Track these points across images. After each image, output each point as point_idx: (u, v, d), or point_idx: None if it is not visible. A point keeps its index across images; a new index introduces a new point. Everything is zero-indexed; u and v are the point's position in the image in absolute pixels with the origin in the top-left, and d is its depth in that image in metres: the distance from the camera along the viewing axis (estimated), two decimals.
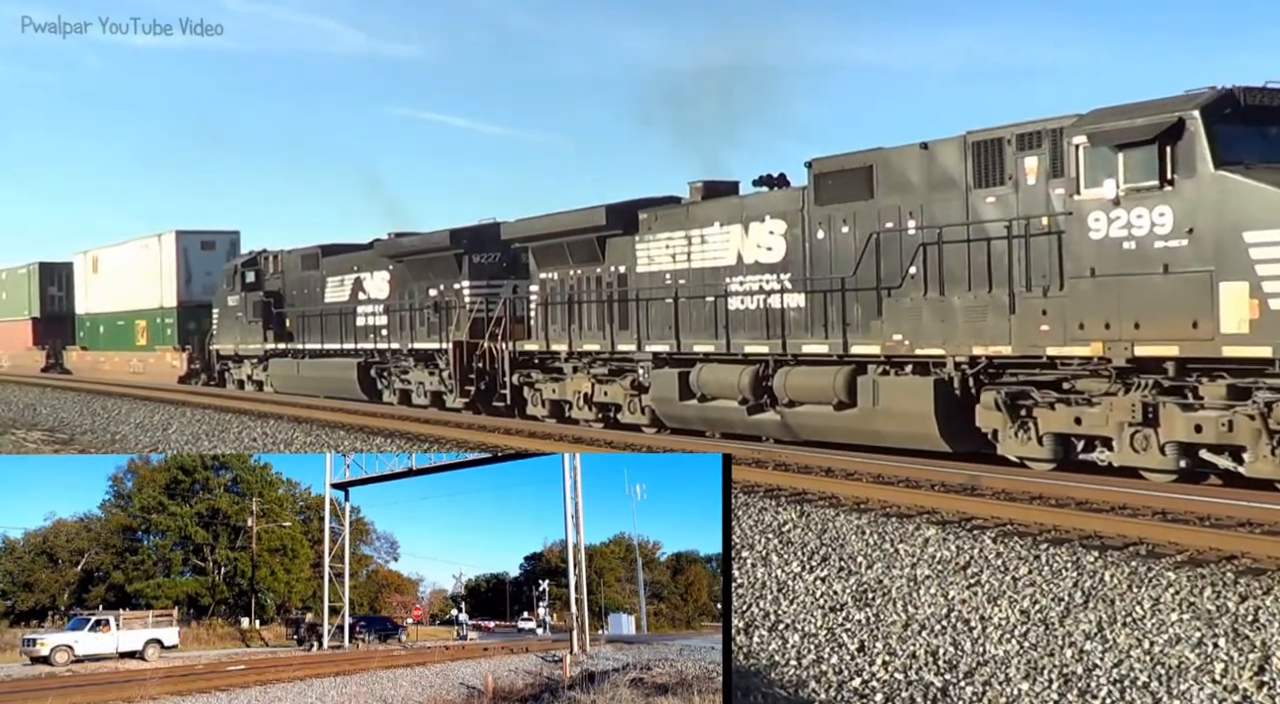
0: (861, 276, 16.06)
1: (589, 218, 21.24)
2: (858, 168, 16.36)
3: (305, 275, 32.39)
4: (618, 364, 20.71)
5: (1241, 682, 7.15)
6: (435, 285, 26.36)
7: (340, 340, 29.97)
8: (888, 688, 7.32)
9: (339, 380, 29.76)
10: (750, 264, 18.21)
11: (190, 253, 42.84)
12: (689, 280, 19.28)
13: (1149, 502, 12.02)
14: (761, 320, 17.86)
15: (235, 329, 35.67)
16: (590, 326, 21.52)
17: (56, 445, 23.12)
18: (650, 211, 20.37)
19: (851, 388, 15.87)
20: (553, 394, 22.12)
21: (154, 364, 43.25)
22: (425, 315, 26.56)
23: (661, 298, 19.62)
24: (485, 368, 23.96)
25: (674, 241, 19.68)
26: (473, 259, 25.47)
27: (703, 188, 19.89)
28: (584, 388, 21.20)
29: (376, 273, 28.84)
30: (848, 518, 12.31)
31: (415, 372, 27.05)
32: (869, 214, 16.22)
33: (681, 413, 18.88)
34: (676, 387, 18.71)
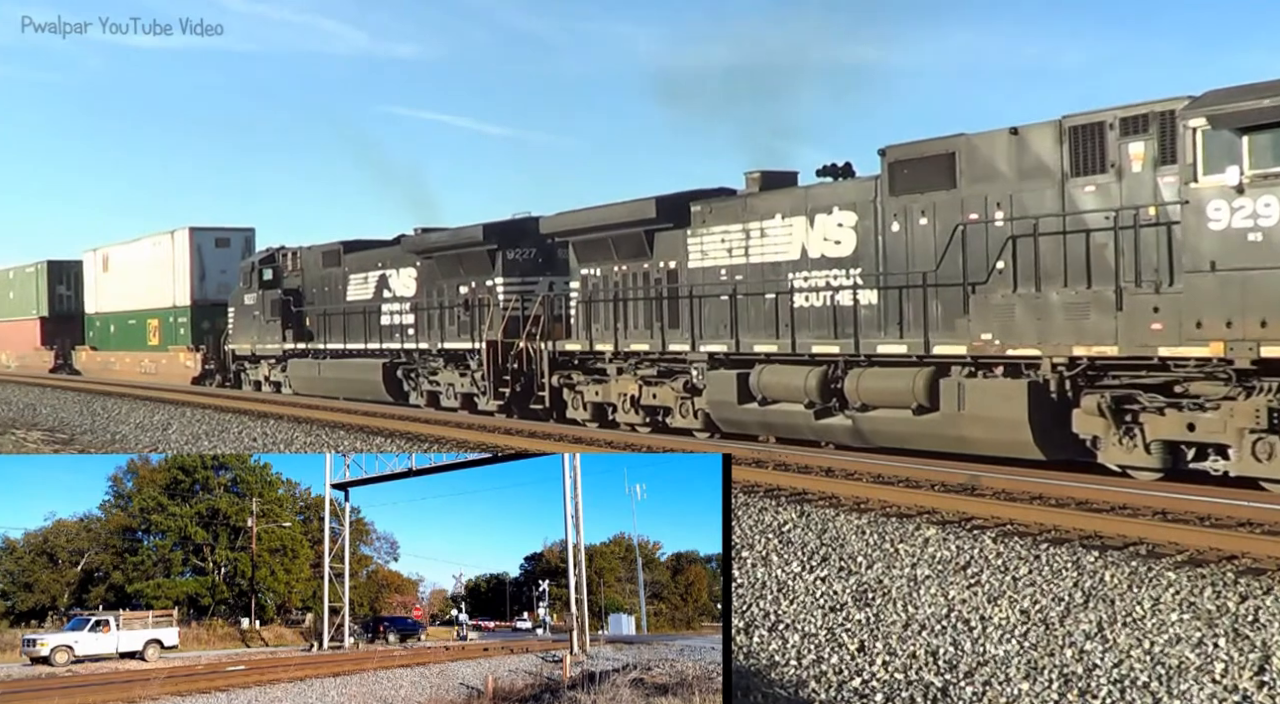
0: (943, 272, 15.01)
1: (637, 210, 20.15)
2: (938, 155, 15.29)
3: (326, 273, 31.20)
4: (667, 365, 19.66)
5: (1241, 682, 7.15)
6: (466, 282, 25.27)
7: (364, 340, 28.88)
8: (888, 688, 7.32)
9: (363, 382, 28.71)
10: (816, 259, 17.16)
11: (204, 250, 41.89)
12: (747, 276, 18.18)
13: (1149, 502, 12.02)
14: (828, 319, 16.85)
15: (252, 328, 34.56)
16: (637, 325, 20.45)
17: (56, 445, 23.12)
18: (704, 204, 19.26)
19: (933, 391, 14.85)
20: (595, 396, 21.08)
21: (167, 365, 42.37)
22: (455, 314, 25.56)
23: (716, 295, 18.60)
24: (521, 369, 22.95)
25: (730, 235, 18.57)
26: (506, 255, 24.30)
27: (760, 178, 18.72)
28: (630, 390, 20.20)
29: (402, 270, 27.70)
30: (848, 518, 12.30)
31: (444, 373, 26.08)
32: (951, 204, 15.16)
33: (740, 417, 17.85)
34: (735, 389, 17.66)
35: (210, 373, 39.17)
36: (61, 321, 52.15)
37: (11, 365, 55.77)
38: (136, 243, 46.29)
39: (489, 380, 23.49)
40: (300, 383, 31.98)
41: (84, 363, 50.10)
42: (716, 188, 19.75)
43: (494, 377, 23.31)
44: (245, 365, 36.28)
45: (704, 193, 19.57)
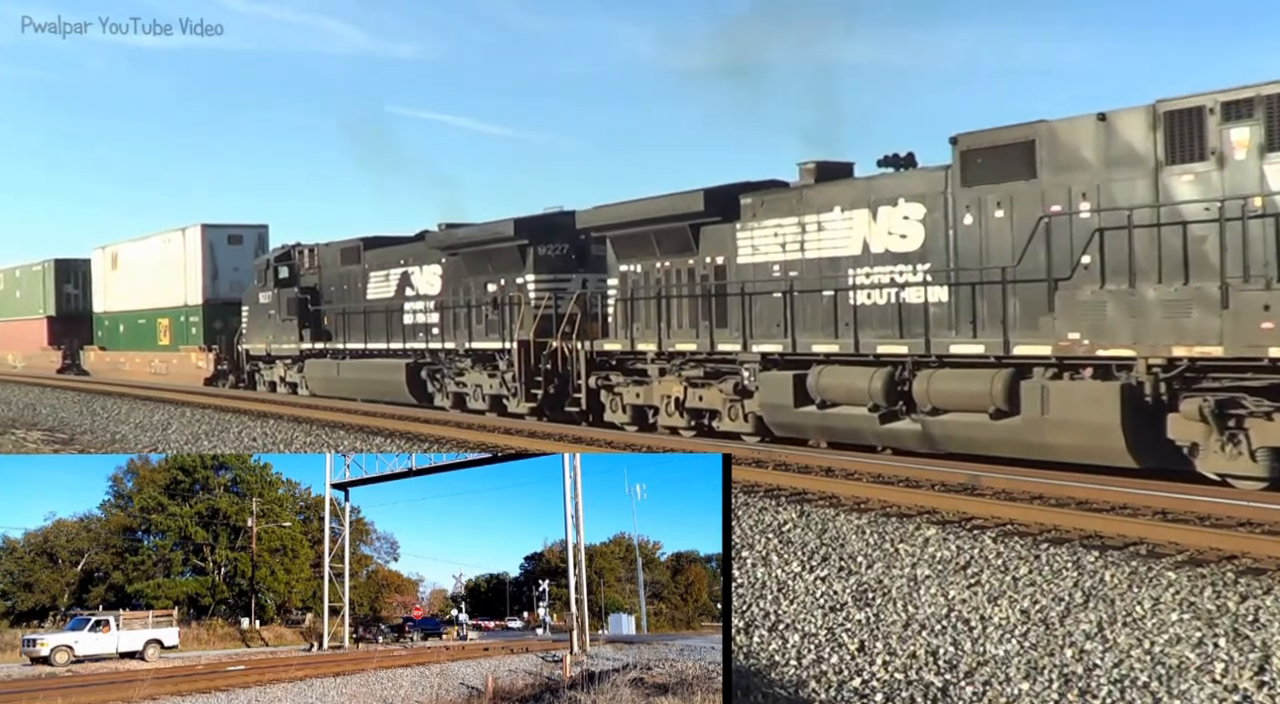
0: (1023, 267, 14.09)
1: (682, 203, 19.11)
2: (1016, 143, 14.39)
3: (345, 270, 30.11)
4: (714, 366, 18.66)
5: (1241, 682, 7.15)
6: (494, 280, 24.28)
7: (386, 340, 27.84)
8: (888, 688, 7.32)
9: (385, 383, 27.71)
10: (879, 253, 16.22)
11: (216, 247, 40.72)
12: (802, 272, 17.24)
13: (1149, 502, 12.03)
14: (893, 317, 15.90)
15: (267, 328, 33.48)
16: (681, 324, 19.49)
17: (56, 445, 23.11)
18: (754, 196, 18.22)
19: (1012, 394, 13.94)
20: (636, 399, 20.11)
21: (178, 365, 41.23)
22: (483, 312, 24.49)
23: (769, 292, 17.65)
24: (554, 370, 22.02)
25: (784, 229, 17.61)
26: (538, 251, 23.28)
27: (815, 169, 17.80)
28: (674, 392, 19.24)
29: (426, 267, 26.75)
30: (848, 518, 12.30)
31: (472, 373, 25.04)
32: (1030, 196, 14.23)
33: (797, 421, 16.90)
34: (791, 391, 16.68)
35: (223, 373, 38.28)
36: (69, 321, 51.04)
37: (18, 366, 54.59)
38: (146, 240, 45.24)
39: (520, 382, 22.64)
40: (318, 384, 31.00)
41: (92, 363, 49.04)
42: (766, 180, 18.82)
43: (525, 378, 22.46)
44: (260, 366, 35.34)
45: (754, 185, 18.62)
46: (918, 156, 16.67)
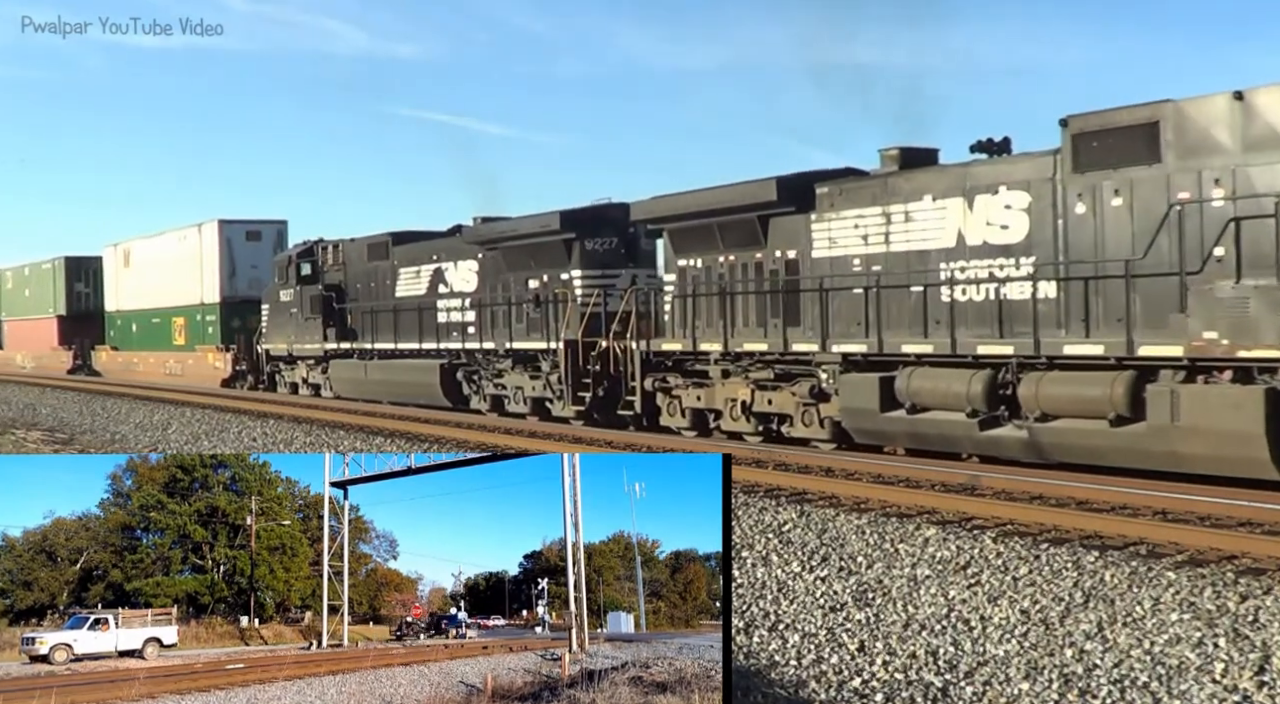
0: (1147, 260, 12.94)
1: (752, 193, 17.81)
2: (1138, 125, 13.19)
3: (372, 266, 28.78)
4: (785, 367, 17.46)
5: (1241, 682, 7.14)
6: (537, 276, 22.99)
7: (418, 339, 26.41)
8: (888, 688, 7.31)
9: (417, 385, 26.24)
10: (977, 246, 15.01)
11: (234, 244, 39.26)
12: (887, 266, 16.03)
13: (1149, 502, 12.02)
14: (992, 314, 14.68)
15: (288, 327, 32.05)
16: (748, 323, 18.26)
17: (56, 445, 23.11)
18: (831, 185, 17.02)
19: (1135, 399, 12.85)
20: (696, 402, 18.86)
21: (194, 365, 39.77)
22: (524, 311, 23.22)
23: (849, 288, 16.45)
24: (603, 371, 20.69)
25: (866, 220, 16.38)
26: (585, 245, 21.97)
27: (899, 155, 16.53)
28: (740, 395, 18.01)
29: (461, 263, 25.40)
30: (848, 518, 12.29)
31: (512, 375, 23.65)
32: (1153, 182, 13.05)
33: (882, 427, 15.70)
34: (877, 395, 15.46)
35: (241, 374, 36.83)
36: (80, 320, 49.70)
37: (28, 366, 53.24)
38: (161, 237, 43.82)
39: (567, 384, 21.21)
40: (343, 385, 29.67)
41: (104, 363, 47.75)
42: (842, 168, 17.64)
43: (573, 380, 21.08)
44: (280, 366, 33.91)
45: (829, 173, 17.44)
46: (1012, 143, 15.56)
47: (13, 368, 53.92)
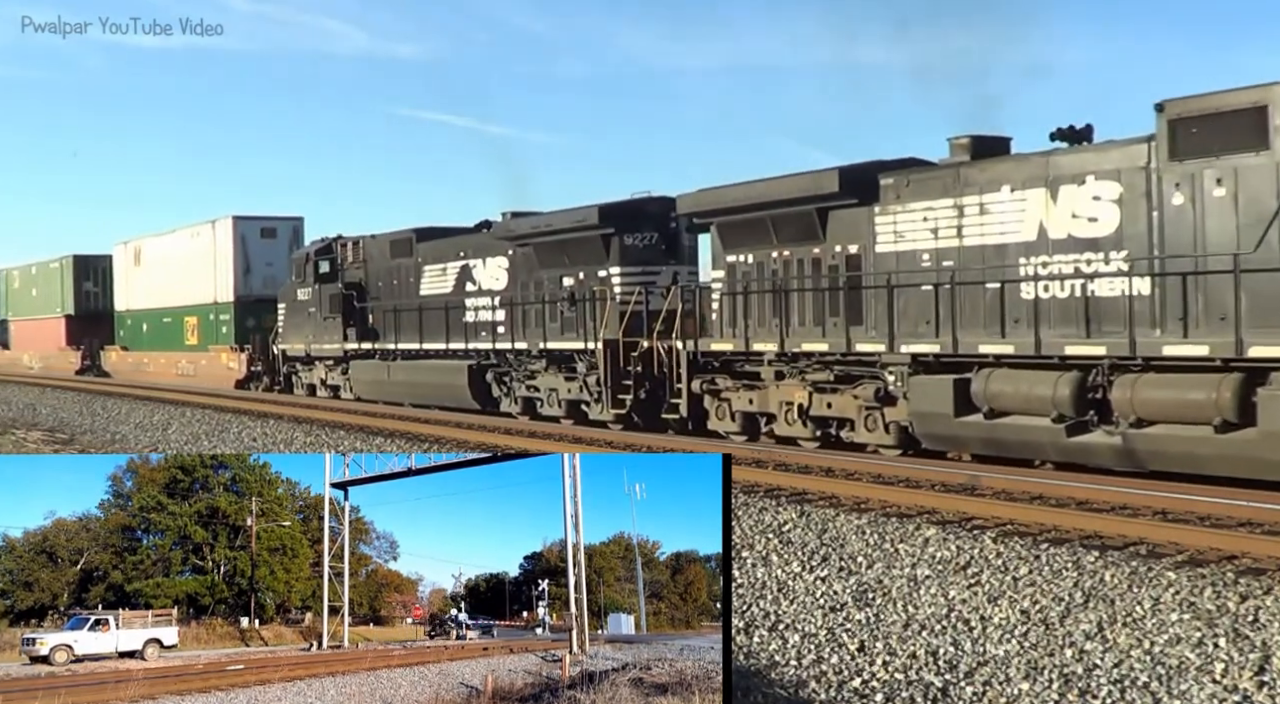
0: (1258, 255, 12.13)
1: (811, 184, 16.89)
2: (1244, 109, 12.35)
3: (395, 264, 27.75)
4: (846, 369, 16.52)
5: (1241, 682, 7.15)
6: (572, 273, 22.04)
7: (444, 339, 25.30)
8: (888, 688, 7.31)
9: (444, 387, 25.29)
10: (1061, 240, 14.07)
11: (249, 241, 38.00)
12: (960, 261, 15.09)
13: (1149, 502, 12.03)
14: (1078, 312, 13.74)
15: (306, 326, 31.03)
16: (804, 321, 17.31)
17: (56, 445, 23.13)
18: (897, 175, 16.06)
19: (1244, 404, 12.07)
20: (748, 405, 17.92)
21: (207, 366, 38.64)
22: (558, 309, 22.24)
23: (917, 284, 15.55)
24: (644, 373, 19.81)
25: (936, 212, 15.44)
26: (624, 240, 20.98)
27: (970, 144, 15.61)
28: (797, 398, 17.08)
29: (490, 259, 24.39)
30: (848, 518, 12.30)
31: (546, 377, 22.59)
32: (1262, 171, 12.22)
33: (957, 432, 14.71)
34: (951, 398, 14.50)
35: (257, 375, 35.69)
36: (89, 320, 48.64)
37: (35, 366, 52.14)
38: (172, 234, 42.54)
39: (606, 386, 20.32)
40: (364, 387, 28.71)
41: (114, 364, 46.53)
42: (905, 158, 16.71)
43: (612, 382, 20.20)
44: (298, 367, 32.79)
45: (892, 163, 16.51)
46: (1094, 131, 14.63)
47: (20, 368, 53.11)
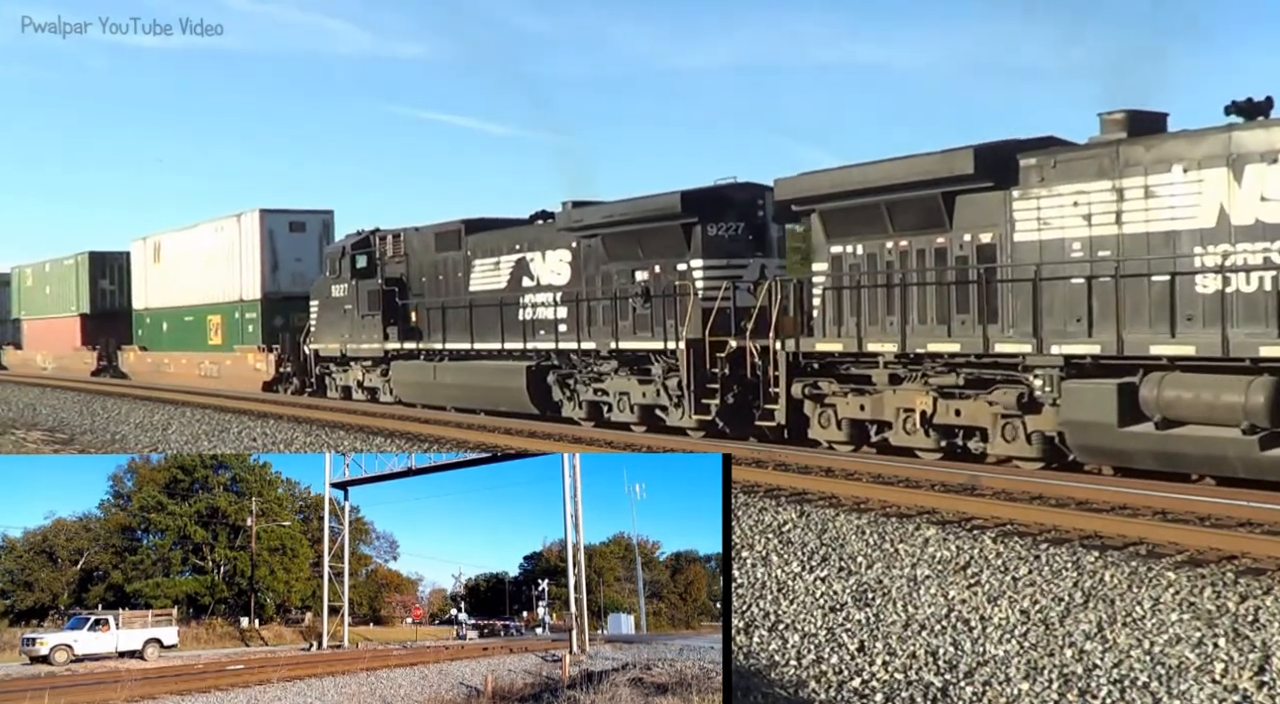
0: None
1: (939, 165, 15.19)
2: None
3: (441, 258, 26.05)
4: (977, 372, 14.90)
5: (1241, 682, 7.15)
6: (646, 266, 20.37)
7: (499, 339, 23.62)
8: (888, 688, 7.31)
9: (499, 390, 23.62)
10: (1247, 226, 12.51)
11: (277, 235, 36.05)
12: (1120, 251, 13.42)
13: (1149, 502, 12.03)
14: (1269, 309, 12.31)
15: (341, 325, 29.26)
16: (925, 319, 15.67)
17: (56, 445, 23.12)
18: (1041, 156, 14.38)
19: None
20: (859, 412, 16.26)
21: (232, 367, 36.90)
22: (628, 306, 20.53)
23: (1066, 277, 13.98)
24: (731, 375, 18.22)
25: (1090, 196, 13.74)
26: (707, 231, 19.38)
27: (1125, 120, 13.81)
28: (919, 405, 15.42)
29: (550, 252, 22.68)
30: (848, 518, 12.30)
31: (616, 379, 20.82)
32: None
33: (1122, 444, 13.08)
34: (1114, 406, 12.92)
35: (286, 377, 33.85)
36: (104, 319, 47.08)
37: (49, 367, 50.73)
38: (195, 229, 40.74)
39: (689, 390, 18.72)
40: (407, 390, 27.03)
41: (131, 365, 44.88)
42: (1042, 136, 15.05)
43: (696, 386, 18.60)
44: (331, 368, 30.93)
45: (1030, 142, 14.88)
46: None
47: (32, 369, 51.90)
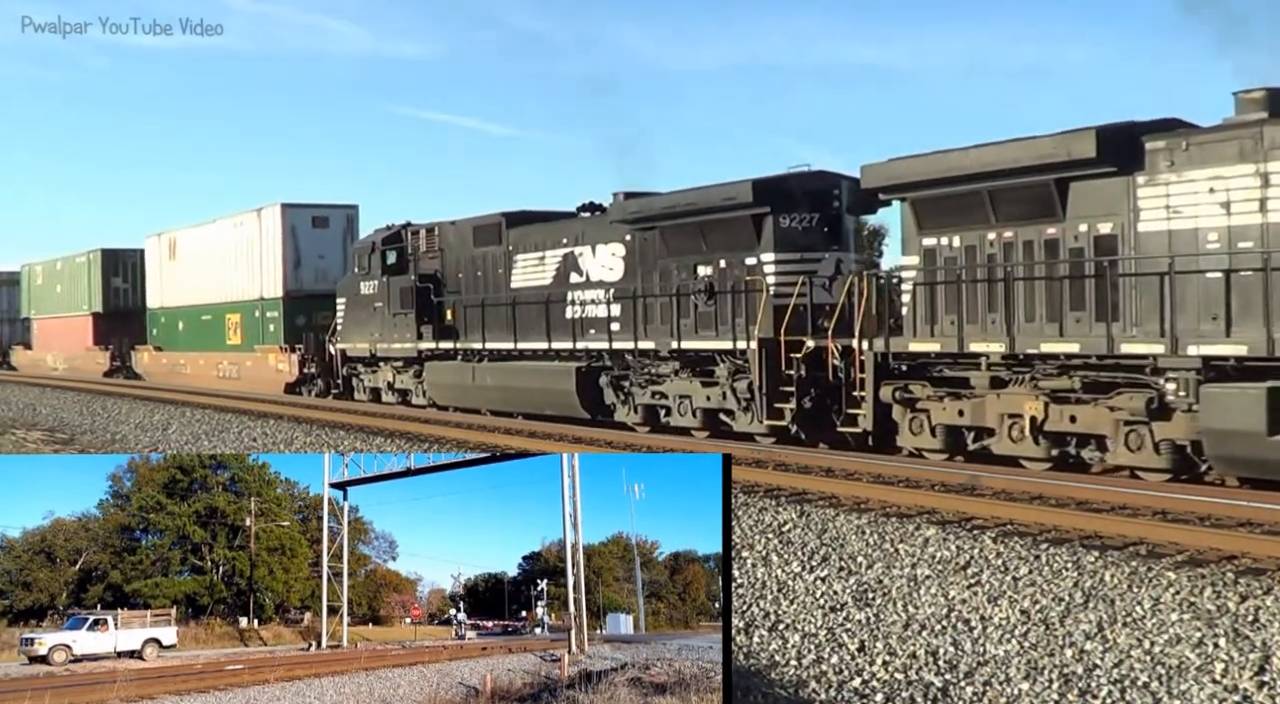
0: None
1: (1054, 149, 13.89)
2: None
3: (480, 253, 24.73)
4: (1095, 375, 13.78)
5: (1241, 682, 7.14)
6: (709, 260, 19.13)
7: (544, 337, 22.33)
8: (888, 688, 7.30)
9: (545, 392, 22.27)
10: None
11: (299, 231, 34.54)
12: (1266, 241, 12.36)
13: (1149, 502, 12.03)
14: None
15: (371, 324, 27.99)
16: (1035, 317, 14.43)
17: (56, 445, 23.12)
18: (1169, 138, 13.22)
19: None
20: (958, 418, 15.00)
21: (252, 368, 35.51)
22: (690, 303, 19.34)
23: (1202, 271, 12.88)
24: (807, 378, 17.11)
25: (1229, 181, 12.63)
26: (780, 222, 18.07)
27: (1264, 98, 12.77)
28: (1028, 410, 14.19)
29: (601, 246, 21.36)
30: (848, 518, 12.29)
31: (676, 381, 19.50)
32: None
33: (1273, 455, 11.97)
34: (1264, 413, 11.83)
35: (309, 378, 32.39)
36: (118, 318, 45.81)
37: (59, 367, 49.43)
38: (213, 224, 39.33)
39: (760, 393, 17.52)
40: (442, 392, 25.83)
41: (146, 365, 43.50)
42: (1166, 118, 13.79)
43: (770, 389, 17.44)
44: (359, 369, 29.57)
45: (1154, 124, 13.64)
46: None
47: (43, 369, 50.75)
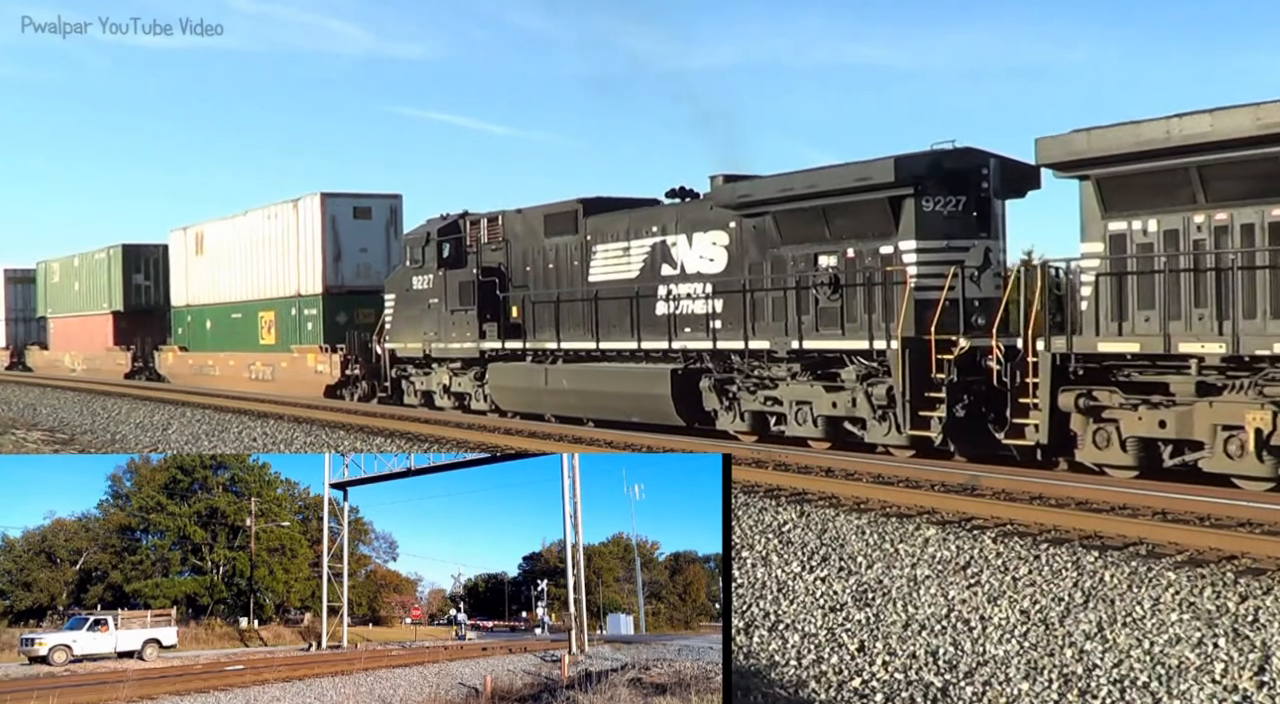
0: None
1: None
2: None
3: (552, 244, 22.38)
4: None
5: (1241, 682, 7.14)
6: (833, 249, 17.02)
7: (632, 336, 20.11)
8: (888, 688, 7.31)
9: (634, 397, 20.04)
10: None
11: (339, 222, 32.02)
12: None
13: (1149, 502, 12.03)
14: None
15: (424, 321, 25.51)
16: (1256, 313, 12.48)
17: (56, 445, 23.11)
18: None
19: None
20: (1158, 429, 12.95)
21: (289, 370, 32.91)
22: (810, 297, 17.21)
23: None
24: (959, 382, 15.12)
25: None
26: (922, 206, 15.94)
27: None
28: (1251, 421, 12.14)
29: (698, 234, 19.19)
30: (848, 518, 12.30)
31: (793, 385, 17.36)
32: None
33: None
34: None
35: (352, 380, 29.91)
36: (139, 317, 43.76)
37: (78, 368, 47.35)
38: (244, 216, 36.66)
39: (903, 400, 15.48)
40: (508, 396, 23.45)
41: (170, 367, 41.19)
42: None
43: (914, 395, 15.43)
44: (410, 370, 26.99)
45: None
46: None
47: (60, 371, 48.85)
